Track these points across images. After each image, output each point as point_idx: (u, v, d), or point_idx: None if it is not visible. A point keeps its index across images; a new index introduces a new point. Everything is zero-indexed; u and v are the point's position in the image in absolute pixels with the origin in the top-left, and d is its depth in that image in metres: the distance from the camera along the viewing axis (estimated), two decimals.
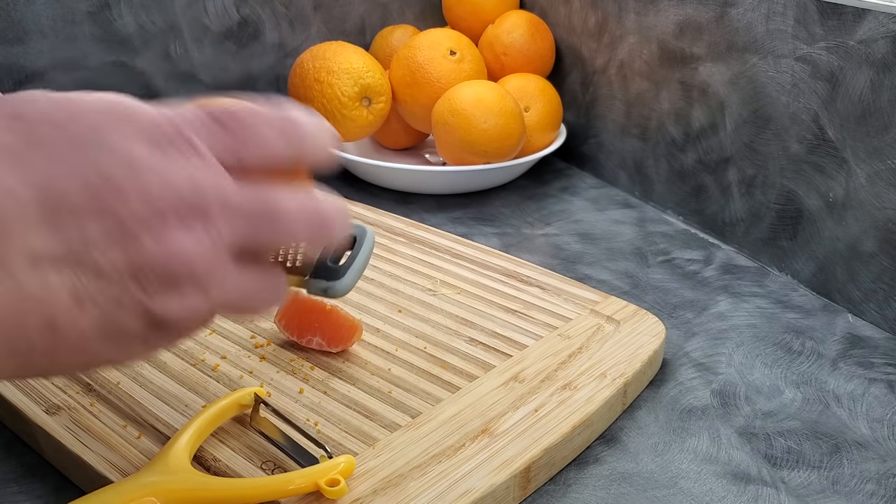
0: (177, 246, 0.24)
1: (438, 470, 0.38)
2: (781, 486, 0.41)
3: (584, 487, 0.40)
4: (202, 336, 0.48)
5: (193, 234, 0.25)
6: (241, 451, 0.39)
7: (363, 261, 0.36)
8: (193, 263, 0.25)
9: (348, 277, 0.35)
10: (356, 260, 0.36)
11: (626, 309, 0.51)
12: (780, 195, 0.61)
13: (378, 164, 0.73)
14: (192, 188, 0.25)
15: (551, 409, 0.42)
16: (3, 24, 0.74)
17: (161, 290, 0.25)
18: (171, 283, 0.25)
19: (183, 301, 0.25)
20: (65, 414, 0.41)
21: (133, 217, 0.24)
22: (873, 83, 0.52)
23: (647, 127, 0.74)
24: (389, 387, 0.44)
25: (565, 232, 0.69)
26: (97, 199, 0.23)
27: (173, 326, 0.26)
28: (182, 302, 0.25)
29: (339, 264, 0.35)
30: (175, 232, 0.25)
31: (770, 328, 0.55)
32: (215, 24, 0.85)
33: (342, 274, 0.35)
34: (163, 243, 0.24)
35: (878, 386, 0.48)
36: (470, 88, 0.73)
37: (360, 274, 0.36)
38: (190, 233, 0.25)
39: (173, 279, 0.25)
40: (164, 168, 0.25)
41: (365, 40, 0.93)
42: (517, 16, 0.83)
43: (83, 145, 0.24)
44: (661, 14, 0.70)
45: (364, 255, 0.36)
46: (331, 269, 0.35)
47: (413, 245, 0.61)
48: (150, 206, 0.24)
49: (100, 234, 0.23)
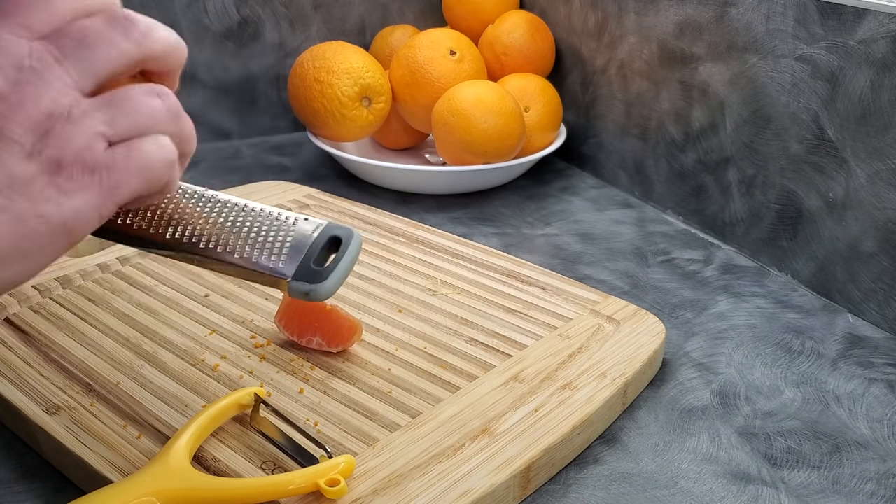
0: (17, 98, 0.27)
1: (438, 470, 0.38)
2: (781, 486, 0.41)
3: (584, 487, 0.40)
4: (202, 336, 0.48)
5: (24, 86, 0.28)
6: (241, 451, 0.39)
7: (348, 264, 0.35)
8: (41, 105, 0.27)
9: (331, 281, 0.34)
10: (340, 263, 0.34)
11: (626, 309, 0.51)
12: (780, 195, 0.61)
13: (378, 164, 0.73)
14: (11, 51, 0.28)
15: (551, 409, 0.42)
16: None
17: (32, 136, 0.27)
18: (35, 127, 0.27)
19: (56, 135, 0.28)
20: (65, 414, 0.41)
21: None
22: (873, 83, 0.52)
23: (647, 127, 0.74)
24: (389, 387, 0.44)
25: (565, 232, 0.69)
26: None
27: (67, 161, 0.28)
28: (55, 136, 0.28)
29: (323, 266, 0.35)
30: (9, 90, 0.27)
31: (770, 328, 0.55)
32: (215, 24, 0.85)
33: (325, 277, 0.34)
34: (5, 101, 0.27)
35: (878, 386, 0.48)
36: (470, 88, 0.73)
37: (345, 277, 0.35)
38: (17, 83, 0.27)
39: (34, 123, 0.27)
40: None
41: (365, 40, 0.93)
42: (517, 16, 0.83)
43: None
44: (661, 14, 0.70)
45: (349, 258, 0.35)
46: (313, 272, 0.34)
47: (413, 245, 0.61)
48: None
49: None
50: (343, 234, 0.36)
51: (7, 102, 0.27)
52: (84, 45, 0.29)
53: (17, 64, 0.28)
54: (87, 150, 0.28)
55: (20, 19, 0.29)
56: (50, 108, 0.28)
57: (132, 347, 0.47)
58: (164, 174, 0.31)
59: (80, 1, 0.30)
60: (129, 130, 0.29)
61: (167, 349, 0.47)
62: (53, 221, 0.28)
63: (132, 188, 0.29)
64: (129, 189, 0.29)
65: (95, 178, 0.28)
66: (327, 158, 0.84)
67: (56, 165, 0.28)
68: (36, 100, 0.27)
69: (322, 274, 0.34)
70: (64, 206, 0.28)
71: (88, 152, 0.28)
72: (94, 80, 0.29)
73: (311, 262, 0.35)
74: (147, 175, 0.30)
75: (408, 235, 0.62)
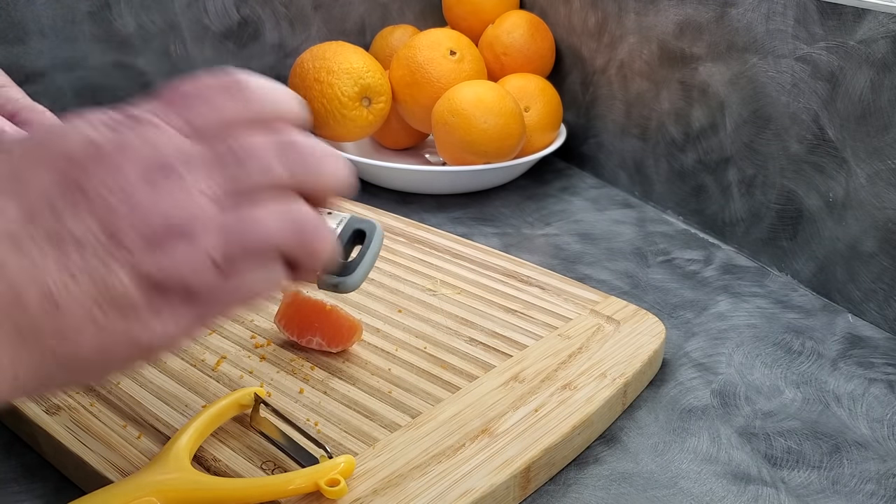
0: (144, 201, 0.25)
1: (438, 470, 0.38)
2: (781, 486, 0.41)
3: (584, 487, 0.40)
4: (202, 336, 0.48)
5: (159, 189, 0.26)
6: (241, 451, 0.39)
7: (373, 256, 0.36)
8: (165, 213, 0.26)
9: (358, 273, 0.35)
10: (366, 255, 0.35)
11: (626, 309, 0.51)
12: (780, 195, 0.61)
13: (378, 164, 0.73)
14: (150, 147, 0.26)
15: (551, 409, 0.42)
16: (3, 24, 0.74)
17: (143, 245, 0.25)
18: (151, 237, 0.25)
19: (169, 254, 0.26)
20: (65, 414, 0.41)
21: (96, 184, 0.25)
22: (873, 83, 0.52)
23: (647, 127, 0.74)
24: (389, 387, 0.44)
25: (565, 232, 0.69)
26: (62, 177, 0.25)
27: (172, 285, 0.26)
28: (168, 255, 0.26)
29: (349, 259, 0.35)
30: (141, 190, 0.26)
31: (770, 328, 0.55)
32: (215, 24, 0.85)
33: (353, 269, 0.35)
34: (130, 201, 0.25)
35: (878, 386, 0.48)
36: (470, 88, 0.73)
37: (370, 270, 0.35)
38: (155, 189, 0.26)
39: (152, 233, 0.25)
40: (119, 138, 0.26)
41: (365, 40, 0.93)
42: (517, 16, 0.83)
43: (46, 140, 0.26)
44: (661, 14, 0.70)
45: (374, 250, 0.36)
46: (341, 265, 0.35)
47: (413, 245, 0.61)
48: (110, 171, 0.25)
49: (69, 208, 0.25)
50: (367, 227, 0.36)
51: (133, 204, 0.25)
52: (236, 157, 0.27)
53: (162, 162, 0.26)
54: (194, 277, 0.26)
55: (184, 112, 0.27)
56: (174, 220, 0.26)
57: None
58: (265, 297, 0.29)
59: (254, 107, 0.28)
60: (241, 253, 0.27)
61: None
62: (141, 343, 0.26)
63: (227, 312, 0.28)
64: (223, 313, 0.28)
65: (193, 306, 0.27)
66: None
67: (159, 286, 0.26)
68: (164, 207, 0.25)
69: (349, 267, 0.35)
70: (156, 330, 0.26)
71: (194, 280, 0.26)
72: (230, 197, 0.27)
73: (338, 256, 0.35)
74: (245, 303, 0.28)
75: (408, 235, 0.62)
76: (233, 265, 0.27)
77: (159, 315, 0.26)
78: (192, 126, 0.27)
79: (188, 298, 0.26)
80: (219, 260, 0.26)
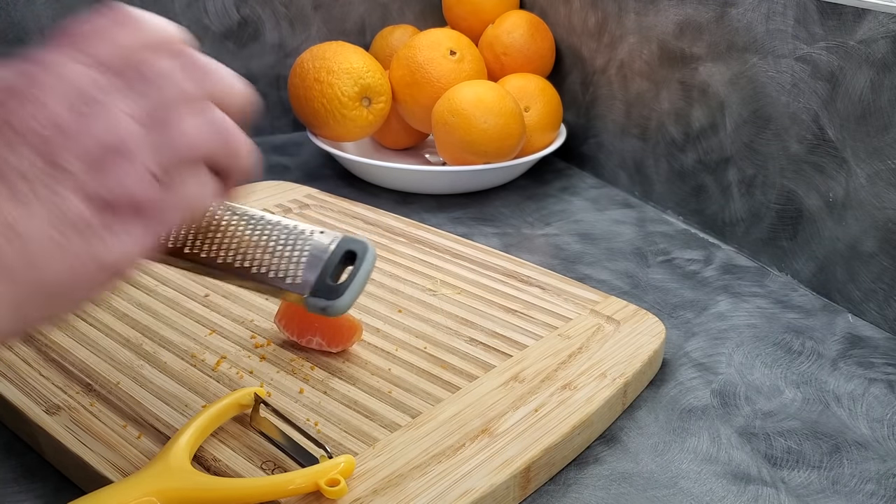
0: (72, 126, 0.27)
1: (438, 470, 0.38)
2: (781, 486, 0.41)
3: (584, 487, 0.40)
4: (202, 336, 0.48)
5: (83, 115, 0.27)
6: (241, 451, 0.39)
7: (363, 278, 0.35)
8: (98, 136, 0.27)
9: (347, 296, 0.35)
10: (356, 278, 0.35)
11: (626, 309, 0.51)
12: (780, 195, 0.61)
13: (378, 164, 0.73)
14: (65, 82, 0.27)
15: (551, 409, 0.42)
16: (3, 24, 0.74)
17: (84, 168, 0.27)
18: (90, 159, 0.27)
19: (110, 172, 0.27)
20: (65, 414, 0.41)
21: (24, 119, 0.26)
22: (873, 83, 0.52)
23: (647, 127, 0.74)
24: (389, 387, 0.44)
25: (565, 232, 0.69)
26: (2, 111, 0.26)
27: (119, 202, 0.27)
28: (110, 173, 0.27)
29: (339, 282, 0.35)
30: (66, 118, 0.27)
31: (770, 328, 0.55)
32: (215, 24, 0.85)
33: (341, 292, 0.35)
34: (59, 129, 0.27)
35: (878, 386, 0.48)
36: (470, 88, 0.73)
37: (360, 292, 0.35)
38: (80, 116, 0.27)
39: (89, 156, 0.27)
40: (32, 79, 0.27)
41: (365, 40, 0.93)
42: (517, 16, 0.83)
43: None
44: (661, 14, 0.70)
45: (364, 273, 0.35)
46: (330, 288, 0.35)
47: (413, 245, 0.61)
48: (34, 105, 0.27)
49: (5, 146, 0.26)
50: (358, 248, 0.36)
51: (66, 133, 0.27)
52: (146, 80, 0.29)
53: (81, 93, 0.27)
54: (139, 190, 0.28)
55: (85, 49, 0.29)
56: (107, 141, 0.27)
57: (132, 347, 0.47)
58: (205, 208, 0.31)
59: (145, 35, 0.30)
60: (175, 164, 0.29)
61: (167, 349, 0.47)
62: (104, 261, 0.27)
63: (174, 224, 0.30)
64: (171, 226, 0.29)
65: (142, 219, 0.28)
66: (327, 158, 0.84)
67: (108, 204, 0.27)
68: (95, 131, 0.27)
69: (338, 290, 0.35)
70: (114, 246, 0.28)
71: (139, 193, 0.28)
72: (152, 116, 0.29)
73: (327, 278, 0.35)
74: (189, 212, 0.30)
75: (408, 235, 0.62)
76: (170, 176, 0.29)
77: (114, 231, 0.28)
78: (97, 59, 0.29)
79: (136, 213, 0.28)
80: (157, 172, 0.28)
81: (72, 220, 0.27)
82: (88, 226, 0.27)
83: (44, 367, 0.45)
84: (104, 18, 0.30)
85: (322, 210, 0.67)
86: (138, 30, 0.30)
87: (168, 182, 0.29)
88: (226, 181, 0.32)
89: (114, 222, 0.28)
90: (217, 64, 0.32)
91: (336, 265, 0.35)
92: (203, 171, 0.30)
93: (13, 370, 0.44)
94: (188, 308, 0.51)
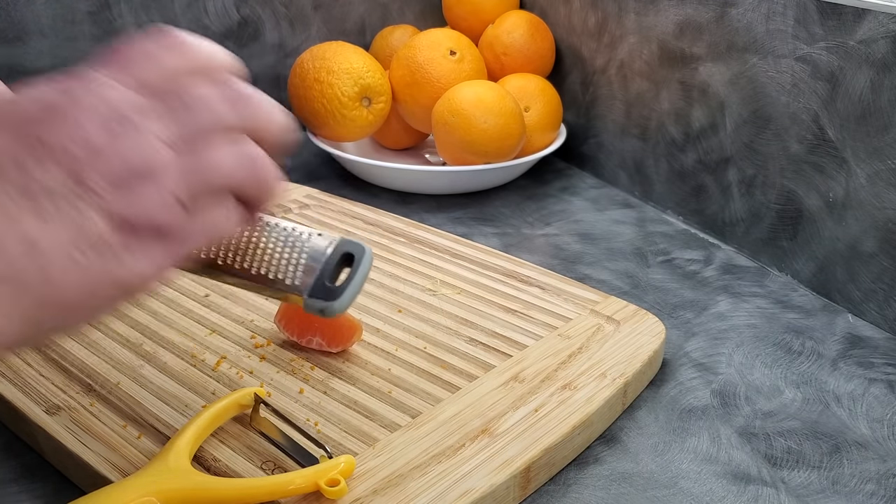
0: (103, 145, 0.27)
1: (438, 470, 0.38)
2: (781, 486, 0.41)
3: (584, 487, 0.40)
4: (202, 336, 0.48)
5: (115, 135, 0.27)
6: (241, 451, 0.39)
7: (360, 280, 0.36)
8: (127, 157, 0.27)
9: (345, 297, 0.35)
10: (353, 279, 0.35)
11: (626, 309, 0.51)
12: (780, 195, 0.61)
13: (378, 164, 0.73)
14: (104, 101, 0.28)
15: (551, 409, 0.42)
16: (3, 24, 0.74)
17: (110, 188, 0.27)
18: (117, 180, 0.27)
19: (135, 193, 0.27)
20: (65, 414, 0.41)
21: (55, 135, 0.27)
22: (873, 83, 0.52)
23: (647, 127, 0.74)
24: (389, 387, 0.44)
25: (565, 232, 0.69)
26: (23, 136, 0.26)
27: (142, 224, 0.27)
28: (135, 195, 0.27)
29: (336, 284, 0.35)
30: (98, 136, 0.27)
31: (770, 328, 0.55)
32: (215, 24, 0.85)
33: (339, 294, 0.35)
34: (89, 147, 0.27)
35: (878, 386, 0.48)
36: (470, 88, 0.73)
37: (358, 293, 0.36)
38: (112, 135, 0.27)
39: (115, 176, 0.27)
40: (71, 97, 0.27)
41: (365, 40, 0.93)
42: (517, 16, 0.83)
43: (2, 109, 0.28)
44: (661, 14, 0.70)
45: (361, 274, 0.36)
46: (328, 289, 0.35)
47: (413, 245, 0.61)
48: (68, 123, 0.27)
49: (34, 161, 0.26)
50: (356, 250, 0.36)
51: (96, 152, 0.27)
52: (184, 105, 0.29)
53: (117, 114, 0.28)
54: (162, 214, 0.28)
55: (130, 70, 0.29)
56: (135, 163, 0.27)
57: (132, 347, 0.47)
58: (227, 235, 0.31)
59: (191, 60, 0.30)
60: (202, 191, 0.29)
61: (167, 349, 0.47)
62: (120, 280, 0.28)
63: (194, 249, 0.30)
64: (191, 250, 0.30)
65: (163, 242, 0.28)
66: (327, 158, 0.84)
67: (129, 225, 0.27)
68: (125, 152, 0.27)
69: (336, 291, 0.35)
70: (132, 268, 0.28)
71: (162, 217, 0.28)
72: (185, 142, 0.29)
73: (325, 280, 0.35)
74: (210, 240, 0.30)
75: (408, 235, 0.62)
76: (195, 203, 0.29)
77: (133, 253, 0.28)
78: (140, 81, 0.29)
79: (158, 236, 0.28)
80: (182, 198, 0.28)
81: (92, 239, 0.27)
82: (108, 245, 0.27)
83: (44, 367, 0.45)
84: (153, 41, 0.30)
85: (322, 210, 0.67)
86: (185, 54, 0.30)
87: (193, 208, 0.29)
88: (251, 210, 0.32)
89: (134, 243, 0.27)
90: (259, 94, 0.32)
91: (334, 267, 0.36)
92: (229, 200, 0.30)
93: (13, 370, 0.44)
94: (188, 308, 0.51)
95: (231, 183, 0.30)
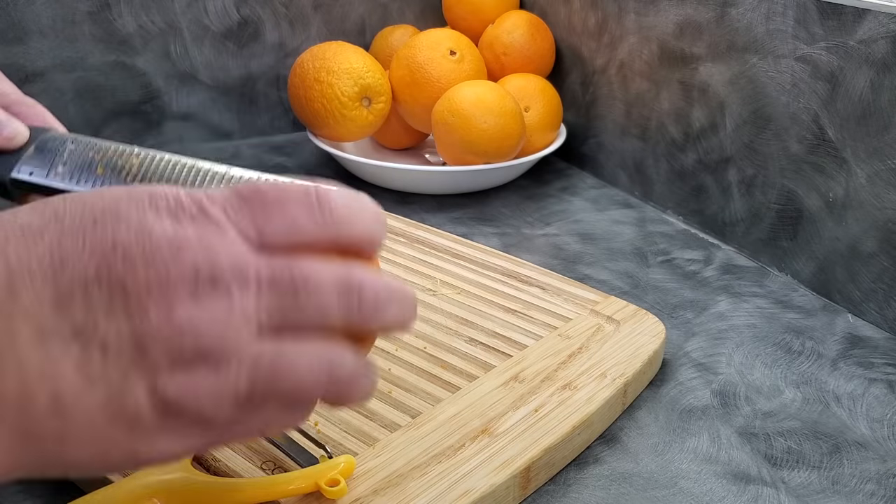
0: (183, 317, 0.23)
1: (438, 470, 0.38)
2: (781, 486, 0.41)
3: (584, 487, 0.40)
4: None
5: (202, 306, 0.24)
6: (241, 451, 0.39)
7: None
8: (201, 333, 0.23)
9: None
10: None
11: (626, 309, 0.51)
12: (780, 195, 0.61)
13: (378, 164, 0.73)
14: (208, 252, 0.24)
15: (551, 409, 0.42)
16: (3, 24, 0.74)
17: (168, 365, 0.23)
18: (179, 358, 0.23)
19: (192, 379, 0.24)
20: None
21: (140, 286, 0.23)
22: (873, 83, 0.52)
23: (647, 127, 0.74)
24: (389, 387, 0.44)
25: (565, 232, 0.69)
26: (106, 268, 0.23)
27: (188, 410, 0.24)
28: (191, 380, 0.24)
29: None
30: (183, 302, 0.23)
31: (770, 328, 0.55)
32: (215, 24, 0.85)
33: None
34: (169, 314, 0.23)
35: (878, 386, 0.48)
36: (470, 88, 0.73)
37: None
38: (199, 304, 0.24)
39: (180, 354, 0.23)
40: (177, 237, 0.24)
41: (365, 40, 0.93)
42: (517, 16, 0.83)
43: (101, 219, 0.24)
44: (661, 14, 0.70)
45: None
46: None
47: (413, 245, 0.61)
48: (158, 274, 0.23)
49: (105, 305, 0.23)
50: None
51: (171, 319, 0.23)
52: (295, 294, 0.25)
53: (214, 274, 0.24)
54: (211, 408, 0.24)
55: (256, 216, 0.25)
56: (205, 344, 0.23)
57: None
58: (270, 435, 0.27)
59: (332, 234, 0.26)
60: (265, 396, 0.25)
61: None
62: (139, 456, 0.24)
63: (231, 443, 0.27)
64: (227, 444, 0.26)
65: (201, 430, 0.25)
66: (327, 158, 0.84)
67: (174, 410, 0.24)
68: (202, 328, 0.23)
69: None
70: (160, 448, 0.24)
71: (210, 411, 0.24)
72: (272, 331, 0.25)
73: None
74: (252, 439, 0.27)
75: (408, 235, 0.62)
76: (254, 402, 0.25)
77: (166, 434, 0.24)
78: (261, 235, 0.25)
79: (200, 424, 0.25)
80: (242, 395, 0.24)
81: (128, 413, 0.23)
82: (142, 423, 0.24)
83: None
84: (301, 192, 0.26)
85: None
86: (328, 221, 0.26)
87: (248, 407, 0.25)
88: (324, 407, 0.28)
89: (170, 425, 0.24)
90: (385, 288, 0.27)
91: None
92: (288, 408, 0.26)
93: None
94: None
95: (302, 394, 0.26)
